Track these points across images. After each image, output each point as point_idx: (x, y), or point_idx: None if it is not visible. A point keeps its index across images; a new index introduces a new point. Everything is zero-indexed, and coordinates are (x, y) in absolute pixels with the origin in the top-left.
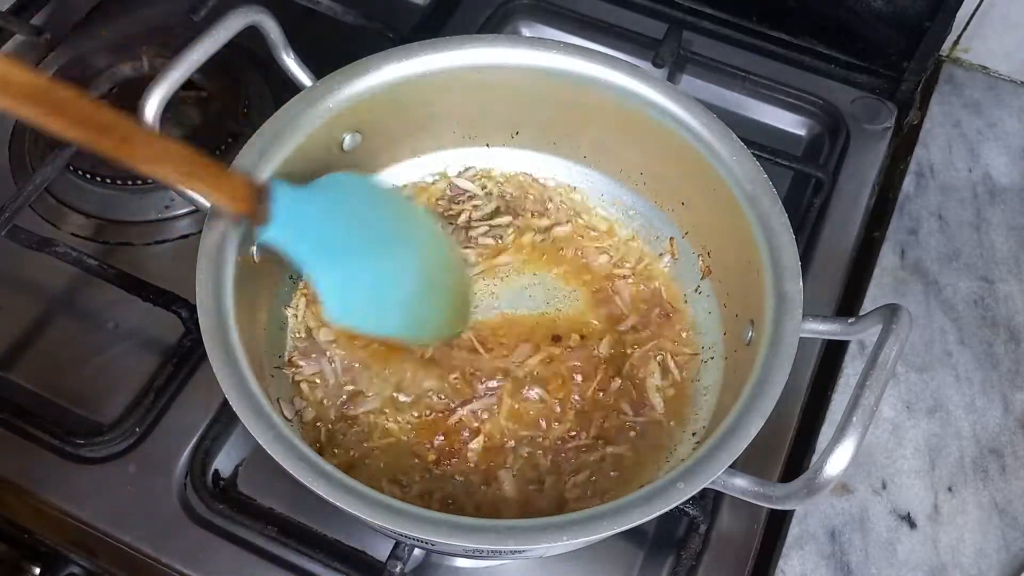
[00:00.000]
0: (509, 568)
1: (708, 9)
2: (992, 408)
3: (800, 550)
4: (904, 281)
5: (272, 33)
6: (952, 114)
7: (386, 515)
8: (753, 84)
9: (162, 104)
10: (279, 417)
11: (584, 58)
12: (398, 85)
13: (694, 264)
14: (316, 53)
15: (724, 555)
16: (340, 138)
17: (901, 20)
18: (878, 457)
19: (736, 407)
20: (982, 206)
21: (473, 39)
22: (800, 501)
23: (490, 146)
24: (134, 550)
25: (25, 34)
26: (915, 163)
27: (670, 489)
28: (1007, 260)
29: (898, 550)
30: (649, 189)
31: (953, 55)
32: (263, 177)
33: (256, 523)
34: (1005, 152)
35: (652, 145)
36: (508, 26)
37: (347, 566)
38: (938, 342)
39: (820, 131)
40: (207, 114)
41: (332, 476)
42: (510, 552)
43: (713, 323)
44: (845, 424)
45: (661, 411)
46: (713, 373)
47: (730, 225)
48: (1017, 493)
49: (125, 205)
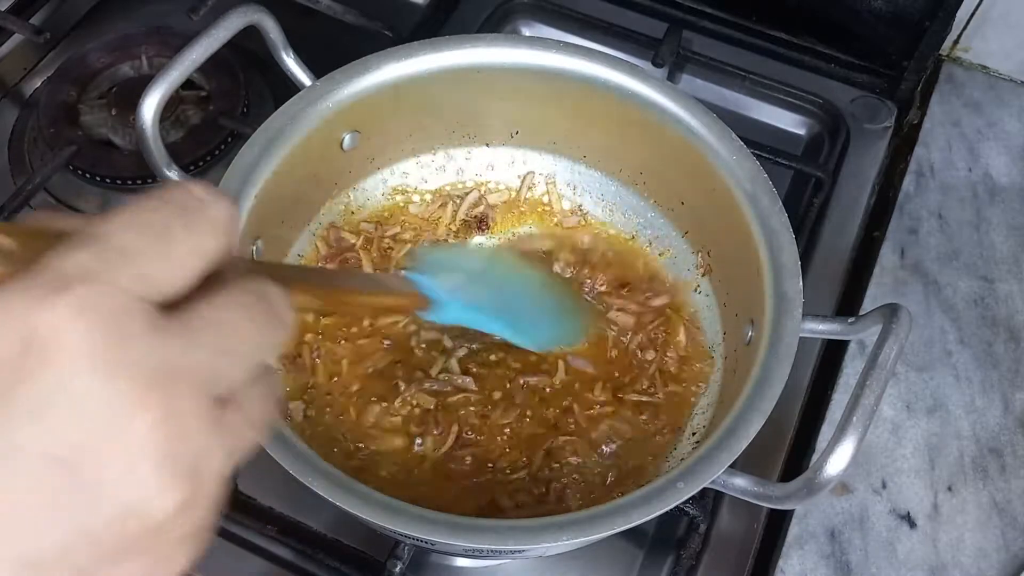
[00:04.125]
0: (509, 568)
1: (708, 9)
2: (992, 408)
3: (800, 550)
4: (904, 281)
5: (272, 33)
6: (952, 114)
7: (386, 515)
8: (753, 84)
9: (161, 104)
10: (279, 417)
11: (584, 58)
12: (398, 85)
13: (693, 263)
14: (316, 53)
15: (724, 555)
16: (340, 137)
17: (901, 20)
18: (878, 457)
19: (736, 407)
20: (982, 206)
21: (473, 39)
22: (800, 501)
23: (490, 145)
24: None
25: (25, 34)
26: (915, 163)
27: (670, 489)
28: (1007, 260)
29: (898, 550)
30: (649, 189)
31: (953, 55)
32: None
33: (256, 523)
34: (1005, 152)
35: (652, 145)
36: (508, 26)
37: (347, 566)
38: (938, 342)
39: (820, 131)
40: (207, 114)
41: (332, 476)
42: (510, 552)
43: (713, 323)
44: (845, 424)
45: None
46: (713, 373)
47: (730, 225)
48: (1017, 493)
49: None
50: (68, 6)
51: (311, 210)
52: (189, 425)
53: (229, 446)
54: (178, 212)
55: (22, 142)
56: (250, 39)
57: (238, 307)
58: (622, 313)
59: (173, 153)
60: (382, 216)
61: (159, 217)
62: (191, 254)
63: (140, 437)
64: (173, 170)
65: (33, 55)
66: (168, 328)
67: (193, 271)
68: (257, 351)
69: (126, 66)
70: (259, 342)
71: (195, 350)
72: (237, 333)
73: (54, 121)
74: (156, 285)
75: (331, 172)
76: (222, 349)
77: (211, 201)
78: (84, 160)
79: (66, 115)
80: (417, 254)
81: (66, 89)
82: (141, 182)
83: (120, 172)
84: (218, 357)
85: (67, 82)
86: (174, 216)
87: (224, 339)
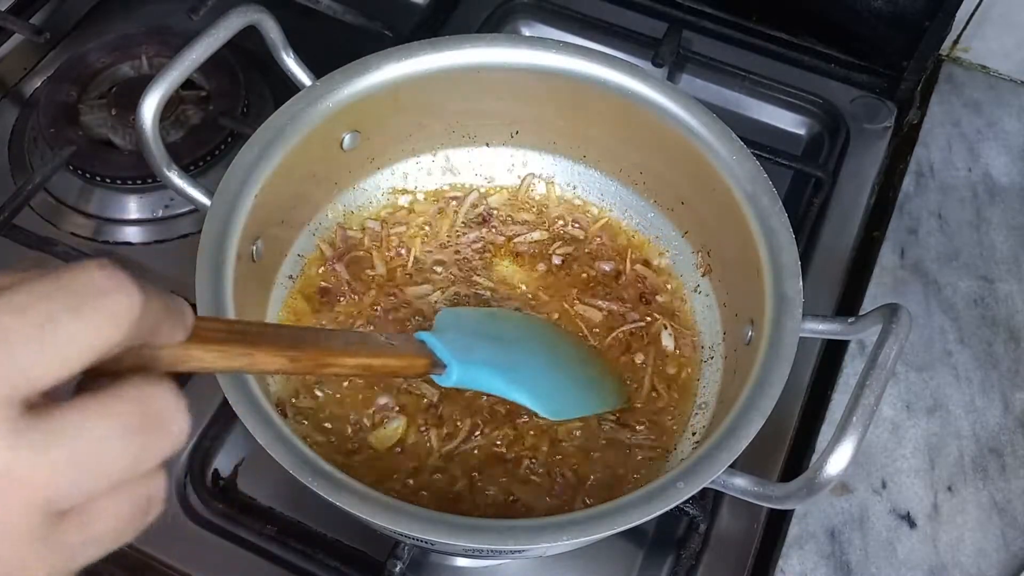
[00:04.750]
0: (509, 568)
1: (708, 9)
2: (992, 407)
3: (800, 549)
4: (904, 281)
5: (271, 33)
6: (952, 113)
7: (386, 515)
8: (753, 84)
9: (161, 104)
10: (279, 417)
11: (584, 58)
12: (398, 85)
13: (693, 263)
14: (316, 53)
15: (724, 554)
16: (340, 137)
17: (901, 19)
18: (878, 457)
19: (736, 407)
20: (982, 206)
21: (473, 39)
22: (800, 501)
23: (490, 145)
24: (133, 549)
25: (25, 34)
26: (915, 163)
27: (670, 489)
28: (1007, 260)
29: (898, 549)
30: (649, 189)
31: (953, 55)
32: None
33: (256, 523)
34: (1005, 152)
35: (652, 145)
36: (508, 26)
37: (347, 566)
38: (938, 342)
39: (820, 130)
40: (207, 114)
41: (332, 476)
42: (510, 552)
43: (712, 322)
44: (845, 424)
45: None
46: (713, 373)
47: (730, 224)
48: (1017, 492)
49: (125, 205)
50: (68, 6)
51: (311, 210)
52: (5, 532)
53: (53, 565)
54: (69, 298)
55: (22, 142)
56: (250, 39)
57: (109, 417)
58: (617, 302)
59: (173, 153)
60: (383, 216)
61: (44, 303)
62: (73, 345)
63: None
64: (173, 170)
65: (33, 55)
66: (20, 432)
67: (73, 364)
68: (124, 464)
69: (126, 66)
70: (130, 455)
71: (43, 461)
72: (99, 446)
73: (54, 121)
74: (26, 375)
75: (331, 172)
76: (76, 462)
77: (113, 289)
78: (84, 160)
79: (66, 115)
80: (436, 317)
81: (66, 89)
82: (141, 182)
83: (120, 172)
84: (68, 470)
85: (67, 82)
86: (63, 302)
87: (82, 452)
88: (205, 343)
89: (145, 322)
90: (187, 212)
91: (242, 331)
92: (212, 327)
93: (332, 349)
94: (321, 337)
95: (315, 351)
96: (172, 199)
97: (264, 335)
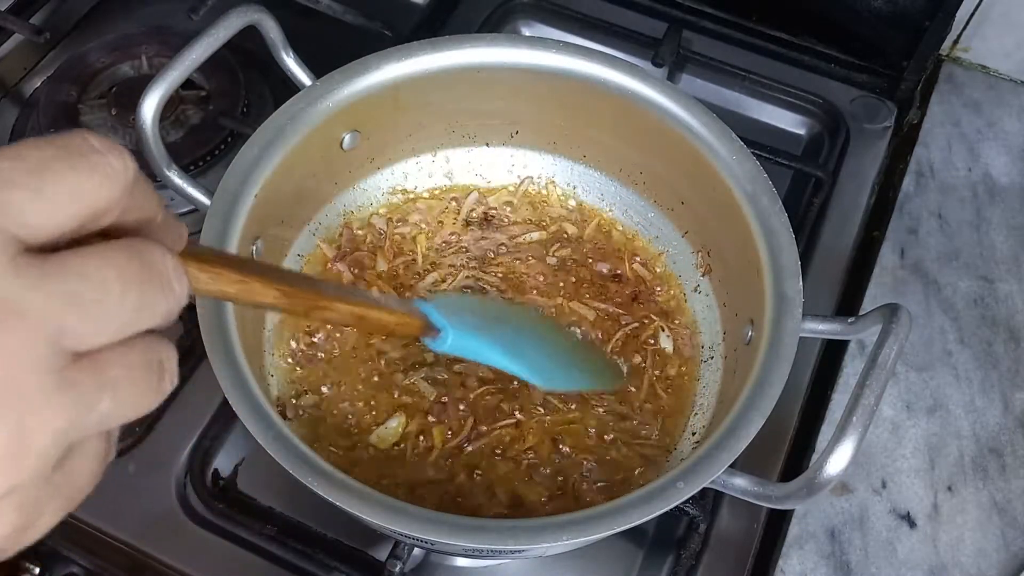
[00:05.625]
0: (509, 568)
1: (708, 9)
2: (992, 407)
3: (800, 549)
4: (904, 281)
5: (271, 33)
6: (952, 113)
7: (386, 515)
8: (753, 84)
9: (161, 103)
10: (279, 417)
11: (584, 58)
12: (398, 85)
13: (693, 263)
14: (316, 53)
15: (724, 554)
16: (340, 137)
17: (901, 19)
18: (878, 457)
19: (736, 407)
20: (982, 206)
21: (473, 39)
22: (800, 501)
23: (490, 145)
24: (133, 549)
25: (25, 34)
26: (915, 163)
27: (670, 489)
28: (1007, 260)
29: (898, 549)
30: (649, 189)
31: (953, 54)
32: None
33: (256, 522)
34: (1005, 152)
35: (652, 145)
36: (508, 25)
37: (347, 566)
38: (938, 342)
39: (820, 130)
40: (207, 114)
41: (332, 476)
42: (510, 552)
43: (712, 322)
44: (845, 424)
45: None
46: (713, 373)
47: (730, 224)
48: (1017, 492)
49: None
50: (68, 6)
51: (311, 210)
52: (14, 364)
53: (68, 406)
54: (63, 151)
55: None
56: (250, 39)
57: (108, 262)
58: (615, 303)
59: (173, 153)
60: (384, 216)
61: (40, 152)
62: (67, 194)
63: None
64: (173, 170)
65: (33, 55)
66: (19, 267)
67: (68, 214)
68: (125, 313)
69: (126, 66)
70: (131, 302)
71: (42, 295)
72: (99, 287)
73: (54, 121)
74: (22, 220)
75: (331, 172)
76: (76, 301)
77: (107, 150)
78: None
79: (66, 115)
80: (434, 299)
81: (66, 89)
82: None
83: None
84: (69, 307)
85: (67, 82)
86: (57, 154)
87: (81, 290)
88: (200, 261)
89: (137, 197)
90: (187, 212)
91: (238, 260)
92: (207, 250)
93: (327, 293)
94: (317, 282)
95: (310, 291)
96: (172, 199)
97: (259, 267)
